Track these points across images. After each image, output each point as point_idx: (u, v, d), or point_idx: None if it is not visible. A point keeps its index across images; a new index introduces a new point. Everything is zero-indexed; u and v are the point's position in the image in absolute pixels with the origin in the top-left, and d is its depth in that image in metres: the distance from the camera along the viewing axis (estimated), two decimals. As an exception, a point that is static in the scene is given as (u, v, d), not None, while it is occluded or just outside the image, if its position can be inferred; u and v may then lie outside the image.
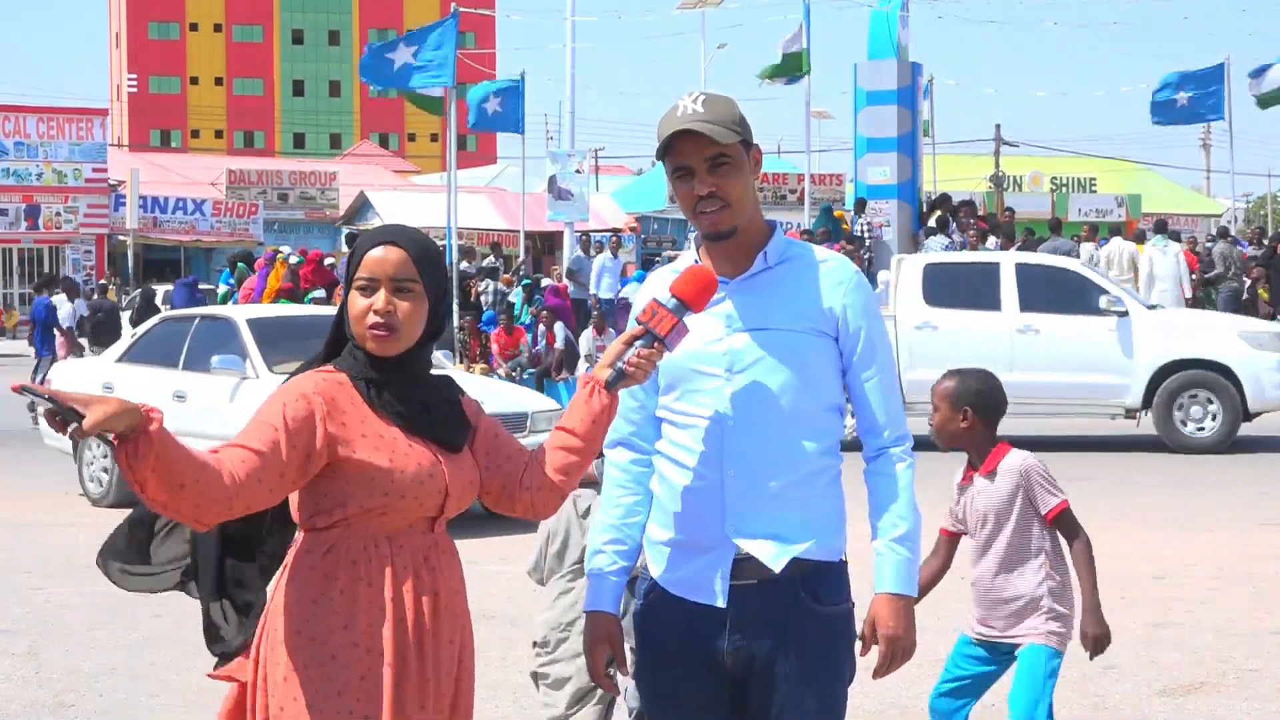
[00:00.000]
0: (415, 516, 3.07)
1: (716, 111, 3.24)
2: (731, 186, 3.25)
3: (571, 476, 3.24)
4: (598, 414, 3.21)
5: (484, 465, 3.20)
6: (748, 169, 3.29)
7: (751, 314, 3.29)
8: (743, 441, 3.25)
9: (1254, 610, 8.43)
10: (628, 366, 3.19)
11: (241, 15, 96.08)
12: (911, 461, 3.37)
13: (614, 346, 3.23)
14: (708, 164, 3.24)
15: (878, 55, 23.15)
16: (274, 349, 11.80)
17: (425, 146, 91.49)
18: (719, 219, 3.27)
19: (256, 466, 2.89)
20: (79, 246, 43.30)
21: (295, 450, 2.95)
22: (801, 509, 3.27)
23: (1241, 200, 52.14)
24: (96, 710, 6.59)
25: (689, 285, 3.23)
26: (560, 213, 27.67)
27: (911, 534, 3.33)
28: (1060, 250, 21.46)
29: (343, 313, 3.14)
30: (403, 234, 3.15)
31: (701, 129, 3.20)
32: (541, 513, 3.28)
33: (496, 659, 7.37)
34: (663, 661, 3.35)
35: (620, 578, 3.40)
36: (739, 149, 3.26)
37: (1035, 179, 47.92)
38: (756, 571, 3.26)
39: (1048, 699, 4.92)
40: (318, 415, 3.00)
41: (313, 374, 3.11)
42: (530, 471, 3.22)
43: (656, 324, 3.19)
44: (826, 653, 3.30)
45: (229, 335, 12.18)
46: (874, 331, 3.35)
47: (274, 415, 2.97)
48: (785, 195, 44.61)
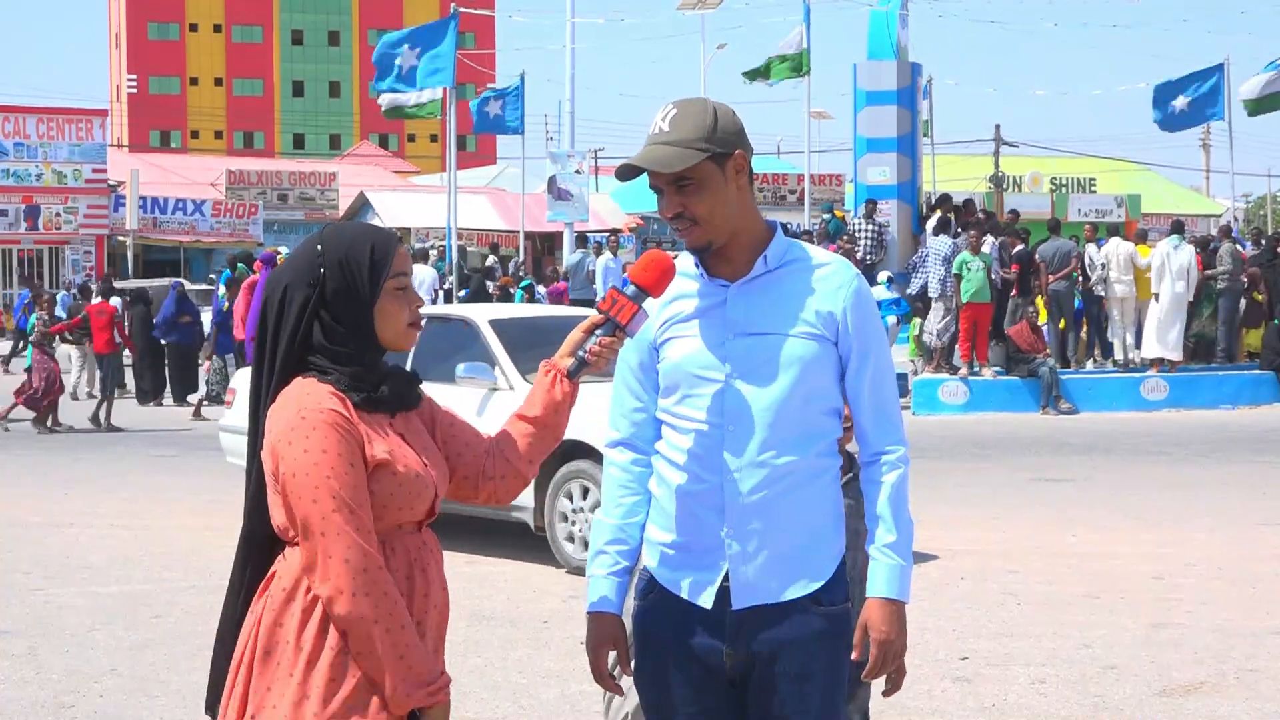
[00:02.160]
0: (406, 520, 3.06)
1: (682, 129, 3.23)
2: (698, 206, 3.25)
3: (534, 463, 3.25)
4: (559, 402, 3.23)
5: (445, 454, 3.19)
6: (721, 181, 3.26)
7: (751, 318, 3.29)
8: (741, 445, 3.25)
9: (1254, 610, 8.43)
10: (589, 355, 3.21)
11: (241, 16, 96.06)
12: (907, 468, 3.38)
13: (574, 335, 3.24)
14: (673, 186, 3.25)
15: (877, 55, 23.15)
16: (522, 355, 10.41)
17: (425, 147, 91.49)
18: (691, 236, 3.28)
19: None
20: (79, 247, 43.30)
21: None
22: (800, 515, 3.27)
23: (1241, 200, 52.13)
24: (96, 710, 6.59)
25: (647, 272, 3.24)
26: (560, 213, 27.68)
27: (904, 541, 3.34)
28: (1061, 250, 21.47)
29: (329, 326, 3.01)
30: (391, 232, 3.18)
31: (648, 163, 3.21)
32: (503, 500, 3.29)
33: (496, 659, 7.37)
34: (662, 662, 3.35)
35: (622, 578, 3.40)
36: (705, 166, 3.23)
37: (1035, 179, 47.92)
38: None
39: None
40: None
41: (327, 397, 2.97)
42: (492, 460, 3.23)
43: (616, 311, 3.20)
44: (826, 652, 3.30)
45: (469, 339, 10.73)
46: (873, 336, 3.35)
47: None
48: (785, 195, 44.64)
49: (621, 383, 3.41)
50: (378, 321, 3.04)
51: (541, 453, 3.26)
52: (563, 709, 6.55)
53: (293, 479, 2.89)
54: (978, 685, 6.93)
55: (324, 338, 3.01)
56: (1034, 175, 48.28)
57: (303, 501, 2.88)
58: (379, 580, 2.88)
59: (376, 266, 3.02)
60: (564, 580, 9.41)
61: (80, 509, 12.41)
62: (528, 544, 10.31)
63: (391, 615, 2.88)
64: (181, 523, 11.68)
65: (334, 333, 3.01)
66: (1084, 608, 8.39)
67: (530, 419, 3.24)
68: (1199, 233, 37.15)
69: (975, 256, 20.00)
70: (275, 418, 2.95)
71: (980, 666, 7.27)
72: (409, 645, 2.90)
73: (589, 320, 3.25)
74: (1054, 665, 7.28)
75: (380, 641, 2.87)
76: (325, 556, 2.86)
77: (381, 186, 50.23)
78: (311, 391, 2.96)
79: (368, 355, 3.04)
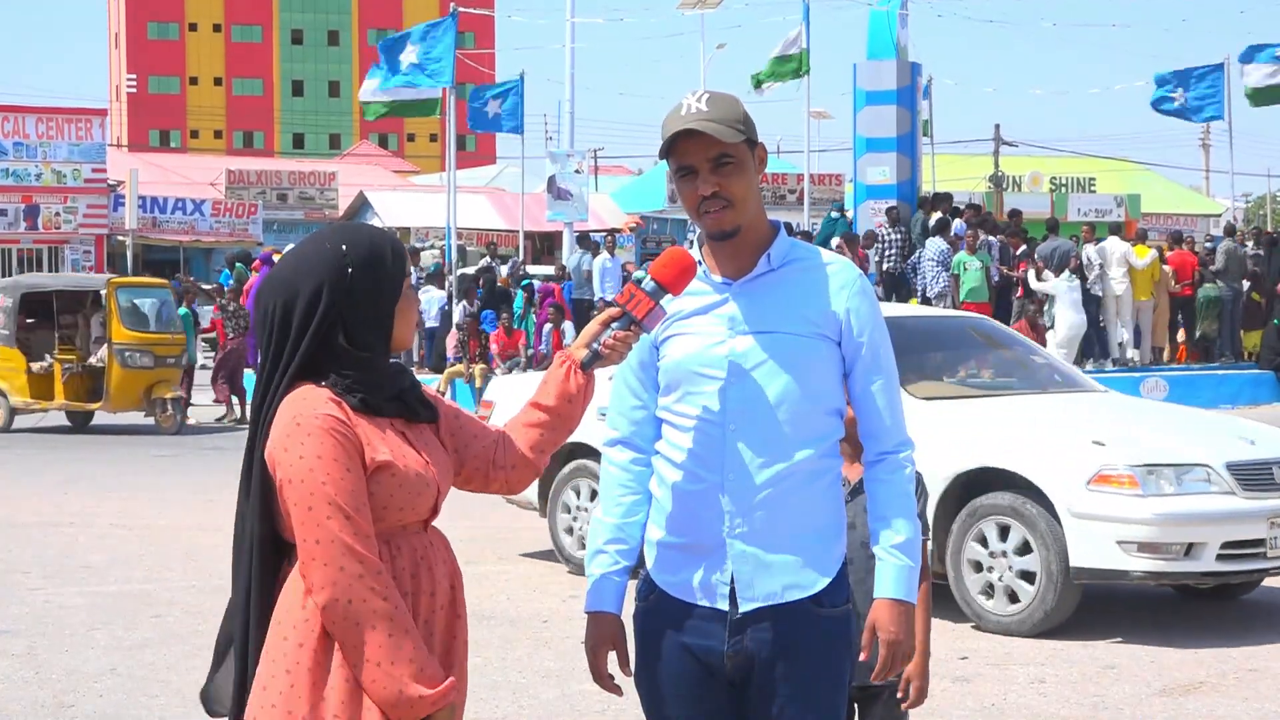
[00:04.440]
0: (409, 520, 3.05)
1: (720, 110, 3.23)
2: (735, 186, 3.24)
3: (545, 453, 3.25)
4: (573, 393, 3.22)
5: (451, 448, 3.19)
6: (751, 168, 3.28)
7: (754, 316, 3.28)
8: (742, 444, 3.24)
9: (1254, 610, 8.44)
10: (603, 348, 3.19)
11: (241, 15, 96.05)
12: (913, 468, 3.37)
13: (591, 327, 3.23)
14: (711, 164, 3.23)
15: (877, 55, 23.14)
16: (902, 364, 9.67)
17: (424, 146, 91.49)
18: (722, 218, 3.26)
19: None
20: (78, 247, 43.24)
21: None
22: (801, 515, 3.27)
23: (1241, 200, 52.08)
24: (96, 710, 6.59)
25: (667, 268, 3.23)
26: (559, 213, 27.65)
27: (912, 541, 3.33)
28: (1060, 250, 21.47)
29: (354, 325, 2.99)
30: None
31: (705, 128, 3.19)
32: (515, 489, 3.28)
33: (496, 659, 7.37)
34: (662, 663, 3.34)
35: (622, 578, 3.39)
36: (743, 148, 3.25)
37: (1035, 179, 47.90)
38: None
39: None
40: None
41: (324, 402, 2.97)
42: (502, 449, 3.22)
43: (633, 306, 3.19)
44: (827, 654, 3.29)
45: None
46: (877, 336, 3.34)
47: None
48: (785, 195, 44.61)
49: (621, 381, 3.39)
50: (397, 320, 3.05)
51: (554, 443, 3.26)
52: (563, 708, 6.55)
53: (289, 485, 2.89)
54: (977, 685, 6.93)
55: (346, 339, 2.98)
56: (1034, 175, 48.26)
57: (299, 508, 2.88)
58: (376, 586, 2.86)
59: (398, 264, 3.04)
60: (564, 580, 9.41)
61: (80, 509, 12.41)
62: (526, 544, 10.31)
63: (392, 620, 2.86)
64: (181, 523, 11.68)
65: (357, 332, 3.00)
66: (1083, 607, 8.39)
67: (543, 409, 3.23)
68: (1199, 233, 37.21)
69: (973, 256, 19.99)
70: (274, 424, 2.95)
71: (980, 666, 7.27)
72: (411, 650, 2.87)
73: (606, 313, 3.24)
74: (1054, 665, 7.28)
75: (377, 648, 2.85)
76: (319, 564, 2.86)
77: (381, 186, 50.24)
78: (308, 397, 2.95)
79: (381, 357, 3.04)
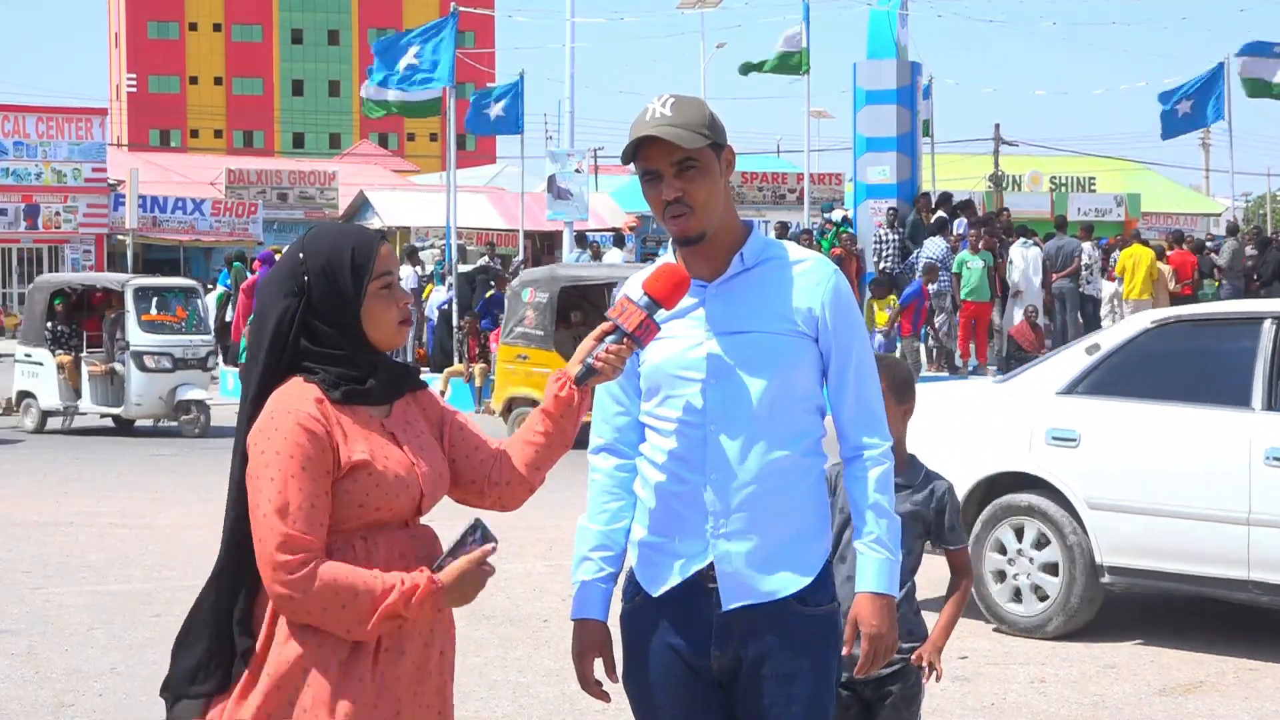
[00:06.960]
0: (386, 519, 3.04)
1: (685, 115, 3.24)
2: (698, 191, 3.24)
3: (541, 470, 3.26)
4: (568, 410, 3.22)
5: (451, 457, 3.19)
6: (717, 172, 3.28)
7: (730, 317, 3.28)
8: (724, 445, 3.25)
9: (1253, 610, 8.44)
10: (596, 362, 3.19)
11: (241, 15, 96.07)
12: (891, 463, 3.37)
13: (585, 343, 3.23)
14: (675, 168, 3.24)
15: (877, 55, 23.12)
16: None
17: (424, 146, 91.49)
18: (686, 224, 3.26)
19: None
20: (78, 246, 43.26)
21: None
22: (785, 514, 3.27)
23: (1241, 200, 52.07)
24: (96, 710, 6.59)
25: (660, 283, 3.22)
26: (560, 212, 27.62)
27: (891, 535, 3.34)
28: (1065, 249, 21.48)
29: (319, 331, 3.02)
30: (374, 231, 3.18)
31: (667, 135, 3.20)
32: (509, 506, 3.28)
33: (496, 659, 7.37)
34: (649, 664, 3.34)
35: (607, 584, 3.39)
36: (707, 153, 3.25)
37: (1035, 178, 47.91)
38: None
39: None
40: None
41: (306, 400, 2.99)
42: (499, 466, 3.23)
43: (626, 320, 3.19)
44: (813, 653, 3.30)
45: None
46: (853, 332, 3.35)
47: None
48: (785, 195, 44.61)
49: (603, 388, 3.40)
50: (366, 324, 3.04)
51: (550, 460, 3.26)
52: (563, 708, 6.56)
53: (250, 479, 2.96)
54: (977, 684, 6.93)
55: (312, 343, 3.02)
56: (1034, 174, 48.28)
57: (251, 502, 2.95)
58: (315, 574, 2.87)
59: (358, 270, 3.03)
60: (564, 580, 9.40)
61: (80, 509, 12.41)
62: (526, 544, 10.31)
63: (335, 586, 2.88)
64: (181, 522, 11.68)
65: (323, 338, 3.03)
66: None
67: (540, 426, 3.24)
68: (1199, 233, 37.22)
69: (975, 255, 19.99)
70: (259, 416, 3.00)
71: (980, 666, 7.27)
72: (363, 587, 2.90)
73: (599, 328, 3.24)
74: (1054, 664, 7.28)
75: (342, 618, 2.89)
76: (261, 562, 2.92)
77: (381, 185, 50.20)
78: (290, 393, 2.98)
79: (360, 357, 3.05)
